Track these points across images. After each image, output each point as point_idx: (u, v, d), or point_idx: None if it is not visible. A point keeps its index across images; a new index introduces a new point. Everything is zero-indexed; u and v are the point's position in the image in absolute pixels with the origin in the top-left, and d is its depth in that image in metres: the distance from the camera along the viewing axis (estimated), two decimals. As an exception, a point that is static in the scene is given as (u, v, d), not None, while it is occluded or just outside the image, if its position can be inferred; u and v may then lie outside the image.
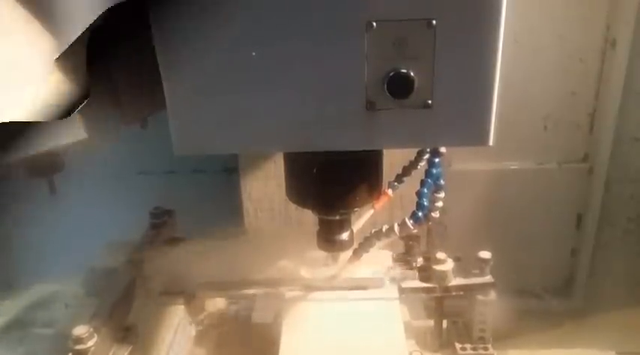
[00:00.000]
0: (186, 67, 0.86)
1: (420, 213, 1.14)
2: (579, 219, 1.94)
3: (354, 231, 1.20)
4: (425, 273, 1.32)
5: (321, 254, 1.26)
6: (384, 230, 1.23)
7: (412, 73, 0.83)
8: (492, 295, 1.29)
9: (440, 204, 1.15)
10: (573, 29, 1.66)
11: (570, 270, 2.02)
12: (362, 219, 1.24)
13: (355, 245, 1.25)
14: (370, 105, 0.86)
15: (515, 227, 1.90)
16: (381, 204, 1.19)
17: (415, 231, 1.21)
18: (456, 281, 1.30)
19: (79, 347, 1.13)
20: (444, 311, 1.35)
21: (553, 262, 2.01)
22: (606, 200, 1.89)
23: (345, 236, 1.16)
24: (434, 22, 0.81)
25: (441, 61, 0.83)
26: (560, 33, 1.66)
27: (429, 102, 0.86)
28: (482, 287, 1.29)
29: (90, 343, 1.14)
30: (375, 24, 0.82)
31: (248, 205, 1.65)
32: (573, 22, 1.65)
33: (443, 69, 0.84)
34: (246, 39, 0.83)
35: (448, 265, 1.30)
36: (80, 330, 1.14)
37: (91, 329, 1.15)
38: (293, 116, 0.88)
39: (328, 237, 1.16)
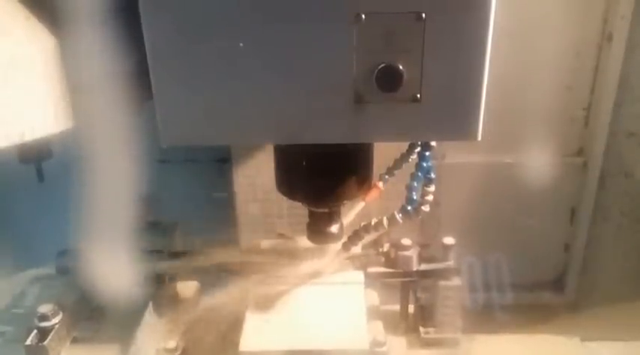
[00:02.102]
0: (174, 57, 0.85)
1: (409, 207, 1.14)
2: (573, 213, 1.94)
3: (345, 223, 1.20)
4: (391, 259, 1.33)
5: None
6: (372, 223, 1.22)
7: (401, 67, 0.83)
8: (456, 280, 1.31)
9: (430, 197, 1.15)
10: (569, 23, 1.65)
11: (563, 265, 2.02)
12: (352, 211, 1.24)
13: (345, 238, 1.25)
14: (358, 99, 0.86)
15: (508, 220, 1.89)
16: (371, 196, 1.19)
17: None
18: (420, 266, 1.32)
19: (43, 324, 1.15)
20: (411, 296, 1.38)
21: (546, 256, 2.00)
22: (600, 194, 1.89)
23: (334, 228, 1.16)
24: (423, 15, 0.81)
25: (430, 54, 0.83)
26: (556, 27, 1.64)
27: (418, 96, 0.85)
28: (445, 273, 1.31)
29: (55, 320, 1.16)
30: (363, 16, 0.81)
31: (240, 195, 1.64)
32: (569, 15, 1.64)
33: (432, 63, 0.83)
34: (233, 30, 0.83)
35: (413, 251, 1.32)
36: (45, 308, 1.16)
37: (56, 307, 1.17)
38: (281, 108, 0.88)
39: (318, 229, 1.16)
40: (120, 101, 0.95)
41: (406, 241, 1.32)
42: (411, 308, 1.39)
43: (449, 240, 1.33)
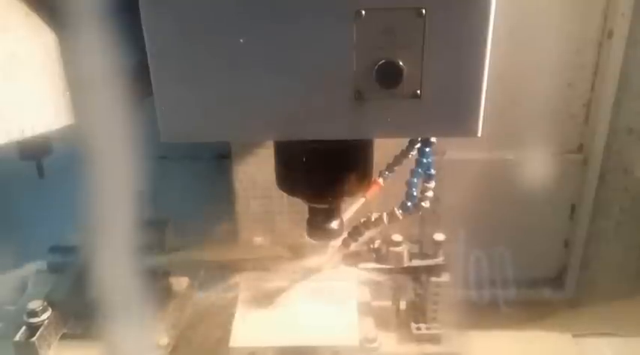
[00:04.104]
0: (174, 54, 0.85)
1: (409, 203, 1.14)
2: (573, 209, 1.94)
3: (345, 219, 1.20)
4: (382, 255, 1.34)
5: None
6: (372, 219, 1.23)
7: (401, 63, 0.83)
8: (445, 276, 1.32)
9: (430, 193, 1.15)
10: (570, 20, 1.64)
11: (563, 261, 2.02)
12: (353, 207, 1.24)
13: (345, 234, 1.25)
14: (359, 95, 0.86)
15: (508, 217, 1.89)
16: (371, 193, 1.19)
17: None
18: (411, 262, 1.33)
19: (32, 320, 1.16)
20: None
21: (546, 252, 2.01)
22: (600, 191, 1.89)
23: (334, 225, 1.16)
24: (423, 11, 0.81)
25: (430, 50, 0.83)
26: (557, 24, 1.64)
27: (418, 92, 0.85)
28: (435, 269, 1.32)
29: (44, 316, 1.17)
30: (363, 12, 0.81)
31: (240, 192, 1.64)
32: (570, 12, 1.63)
33: (432, 59, 0.83)
34: (233, 26, 0.83)
35: (404, 247, 1.32)
36: (34, 304, 1.17)
37: (45, 303, 1.18)
38: (281, 105, 0.88)
39: (318, 225, 1.16)
40: (120, 97, 0.95)
41: (397, 237, 1.32)
42: (403, 305, 1.39)
43: (439, 237, 1.34)
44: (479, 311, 1.73)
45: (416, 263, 1.33)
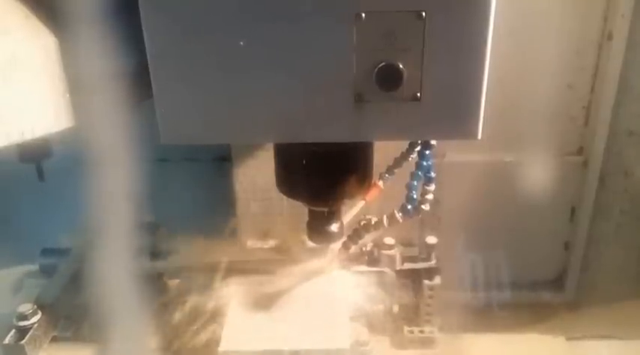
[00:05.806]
0: (174, 56, 0.86)
1: (409, 206, 1.14)
2: (573, 212, 1.93)
3: (345, 222, 1.20)
4: (374, 258, 1.35)
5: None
6: (372, 222, 1.22)
7: (401, 66, 0.83)
8: (438, 279, 1.32)
9: (430, 196, 1.15)
10: (569, 21, 1.64)
11: (563, 263, 2.02)
12: (353, 210, 1.24)
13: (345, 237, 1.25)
14: (359, 97, 0.86)
15: (509, 219, 1.89)
16: (371, 195, 1.19)
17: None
18: (403, 266, 1.34)
19: (22, 323, 1.16)
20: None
21: (546, 255, 2.00)
22: (600, 193, 1.89)
23: (334, 227, 1.16)
24: (423, 14, 0.81)
25: (430, 53, 0.83)
26: (557, 25, 1.64)
27: (418, 94, 0.85)
28: (428, 272, 1.33)
29: (33, 320, 1.16)
30: (364, 15, 0.81)
31: (241, 194, 1.64)
32: (570, 14, 1.63)
33: (432, 61, 0.84)
34: (234, 28, 0.83)
35: (396, 250, 1.33)
36: (24, 307, 1.17)
37: (35, 307, 1.17)
38: (281, 107, 0.88)
39: (318, 228, 1.16)
40: (120, 100, 0.95)
41: (389, 240, 1.32)
42: (396, 308, 1.39)
43: (432, 239, 1.34)
44: (478, 314, 1.72)
45: (408, 266, 1.33)
